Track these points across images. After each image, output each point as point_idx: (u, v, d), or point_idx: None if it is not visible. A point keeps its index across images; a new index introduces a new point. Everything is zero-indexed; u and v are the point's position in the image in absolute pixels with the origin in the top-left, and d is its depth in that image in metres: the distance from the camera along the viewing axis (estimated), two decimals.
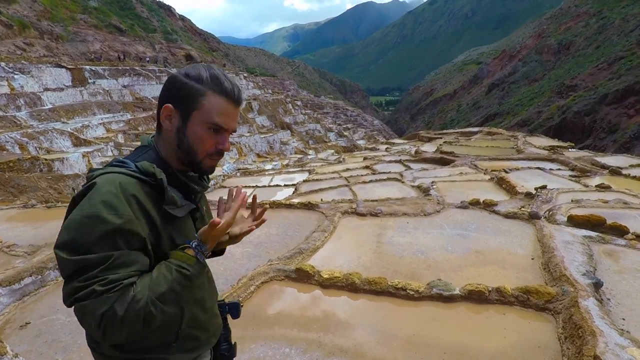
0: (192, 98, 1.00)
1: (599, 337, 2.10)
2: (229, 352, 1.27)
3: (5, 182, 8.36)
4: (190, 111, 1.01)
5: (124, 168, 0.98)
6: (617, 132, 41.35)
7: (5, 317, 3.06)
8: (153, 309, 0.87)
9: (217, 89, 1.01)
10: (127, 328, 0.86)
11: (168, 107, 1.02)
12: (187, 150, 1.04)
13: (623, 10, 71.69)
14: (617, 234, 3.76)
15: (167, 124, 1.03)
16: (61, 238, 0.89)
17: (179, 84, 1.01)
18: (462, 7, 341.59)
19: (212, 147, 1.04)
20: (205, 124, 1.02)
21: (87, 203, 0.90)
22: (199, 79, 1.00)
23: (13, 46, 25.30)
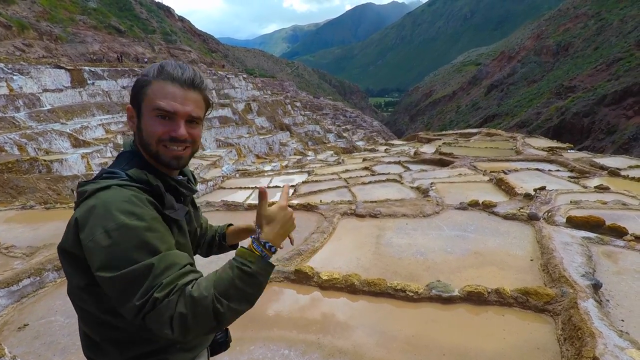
0: (139, 91, 1.00)
1: (598, 339, 2.10)
2: (224, 339, 1.28)
3: (4, 183, 8.34)
4: (140, 104, 1.00)
5: (116, 179, 0.95)
6: (615, 133, 41.47)
7: (3, 319, 3.05)
8: (219, 305, 0.85)
9: (162, 76, 0.99)
10: (201, 325, 0.85)
11: (129, 108, 1.04)
12: (144, 144, 1.02)
13: (621, 12, 71.99)
14: (616, 235, 3.76)
15: (131, 125, 1.04)
16: (99, 261, 0.86)
17: (135, 84, 1.02)
18: (461, 8, 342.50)
19: (164, 134, 1.00)
20: (152, 111, 0.99)
21: (104, 219, 0.86)
22: (147, 72, 1.01)
23: (12, 47, 25.27)
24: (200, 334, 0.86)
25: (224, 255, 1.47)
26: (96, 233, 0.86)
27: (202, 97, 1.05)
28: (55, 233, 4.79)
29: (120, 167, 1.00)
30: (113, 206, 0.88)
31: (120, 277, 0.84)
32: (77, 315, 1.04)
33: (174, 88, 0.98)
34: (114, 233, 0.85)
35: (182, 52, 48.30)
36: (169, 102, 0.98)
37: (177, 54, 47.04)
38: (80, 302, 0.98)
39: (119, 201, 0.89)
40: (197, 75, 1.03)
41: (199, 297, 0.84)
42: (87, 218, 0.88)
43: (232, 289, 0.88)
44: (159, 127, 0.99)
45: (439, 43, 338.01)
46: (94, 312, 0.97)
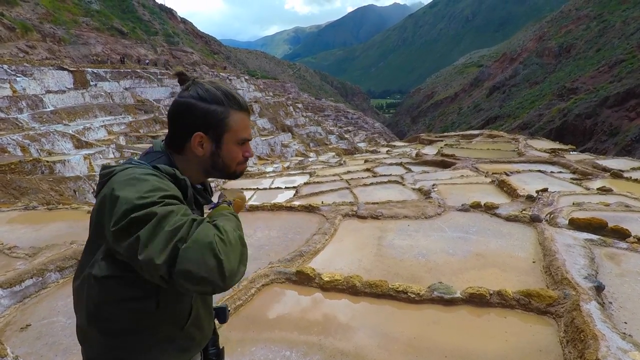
0: (220, 123, 1.07)
1: (601, 341, 2.09)
2: (217, 357, 1.28)
3: (7, 184, 8.38)
4: (222, 134, 1.08)
5: (142, 167, 0.99)
6: (618, 135, 41.34)
7: (6, 319, 3.06)
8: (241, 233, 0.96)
9: (236, 107, 1.09)
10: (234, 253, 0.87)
11: (200, 135, 1.06)
12: (222, 168, 1.13)
13: (624, 14, 71.87)
14: (619, 237, 3.74)
15: (199, 150, 1.08)
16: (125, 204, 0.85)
17: (202, 112, 1.05)
18: (463, 10, 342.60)
19: (241, 157, 1.13)
20: (236, 141, 1.10)
21: (134, 188, 0.89)
22: (218, 101, 1.06)
23: (15, 49, 25.42)
24: (235, 263, 0.86)
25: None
26: (129, 195, 0.87)
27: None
28: (58, 234, 4.81)
29: (147, 161, 1.05)
30: (142, 173, 0.94)
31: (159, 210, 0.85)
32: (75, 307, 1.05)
33: (246, 118, 1.12)
34: (148, 193, 0.88)
35: (185, 54, 48.48)
36: (249, 132, 1.14)
37: (179, 55, 47.21)
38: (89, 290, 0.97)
39: (147, 173, 0.95)
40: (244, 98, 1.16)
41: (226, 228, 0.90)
42: (122, 188, 0.90)
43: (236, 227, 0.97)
44: (239, 152, 1.12)
45: (441, 45, 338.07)
46: (97, 304, 0.97)
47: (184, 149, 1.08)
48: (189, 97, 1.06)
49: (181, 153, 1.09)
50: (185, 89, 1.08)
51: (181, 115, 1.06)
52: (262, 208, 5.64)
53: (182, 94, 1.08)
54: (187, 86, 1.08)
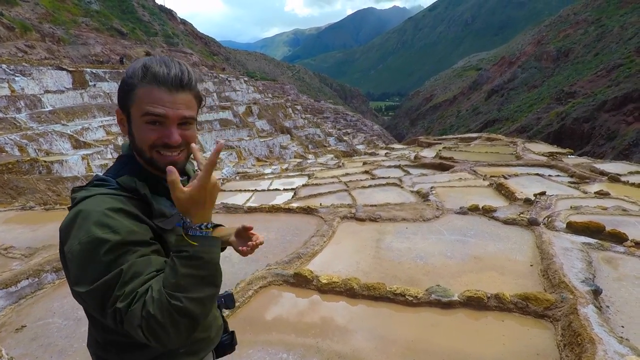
0: (127, 95, 0.95)
1: (598, 345, 2.09)
2: (230, 341, 1.28)
3: (4, 184, 8.34)
4: (129, 108, 0.96)
5: (104, 187, 0.95)
6: (615, 139, 41.49)
7: (1, 320, 3.04)
8: (176, 302, 0.80)
9: (147, 78, 0.93)
10: (171, 327, 0.80)
11: (118, 112, 1.01)
12: (137, 150, 0.99)
13: (622, 18, 72.27)
14: (616, 241, 3.75)
15: (122, 129, 1.02)
16: (73, 275, 0.87)
17: (121, 88, 0.97)
18: (462, 13, 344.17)
19: (157, 140, 0.95)
20: (141, 117, 0.94)
21: (80, 231, 0.86)
22: (132, 73, 0.95)
23: (14, 48, 25.37)
24: (179, 335, 0.82)
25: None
26: (72, 246, 0.86)
27: (192, 95, 0.99)
28: (55, 234, 4.76)
29: (113, 173, 1.00)
30: (91, 218, 0.86)
31: (94, 290, 0.83)
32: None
33: (161, 92, 0.93)
34: (85, 246, 0.84)
35: (184, 55, 48.47)
36: (159, 108, 0.93)
37: (178, 56, 47.19)
38: (84, 304, 0.97)
39: (97, 212, 0.87)
40: (185, 72, 0.96)
41: (153, 301, 0.80)
42: (68, 228, 0.89)
43: (181, 280, 0.82)
44: (150, 133, 0.95)
45: (440, 48, 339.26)
46: (96, 316, 0.96)
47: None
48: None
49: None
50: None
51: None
52: (260, 210, 5.63)
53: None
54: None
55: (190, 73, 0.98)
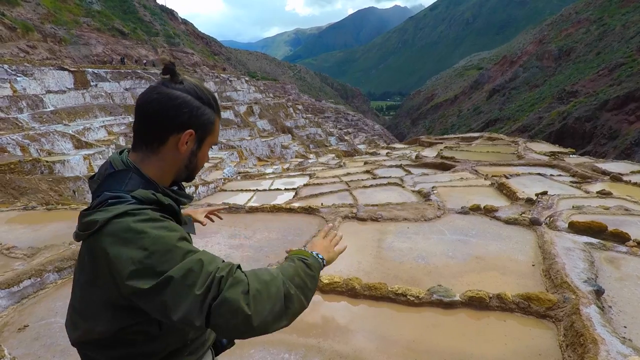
0: (209, 125, 1.05)
1: (601, 345, 2.08)
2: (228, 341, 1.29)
3: (6, 184, 8.36)
4: (206, 136, 1.07)
5: (124, 204, 0.91)
6: (617, 139, 41.38)
7: (4, 320, 3.05)
8: (289, 287, 0.91)
9: (219, 113, 1.09)
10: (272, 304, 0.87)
11: (191, 133, 1.00)
12: (194, 169, 1.10)
13: (623, 17, 72.06)
14: (619, 241, 3.74)
15: (183, 149, 1.01)
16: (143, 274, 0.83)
17: (198, 110, 1.01)
18: (463, 13, 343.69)
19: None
20: (211, 144, 1.10)
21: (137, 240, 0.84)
22: (210, 104, 1.05)
23: (16, 49, 25.43)
24: (271, 318, 0.87)
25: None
26: (136, 256, 0.83)
27: None
28: (57, 234, 4.80)
29: (120, 190, 0.95)
30: (139, 226, 0.86)
31: (174, 273, 0.82)
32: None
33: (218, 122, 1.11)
34: (152, 247, 0.84)
35: (185, 55, 48.54)
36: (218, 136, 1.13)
37: (179, 56, 47.26)
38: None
39: (141, 221, 0.87)
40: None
41: (270, 276, 0.91)
42: (119, 248, 0.85)
43: (297, 277, 0.96)
44: (207, 156, 1.12)
45: (441, 47, 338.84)
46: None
47: (164, 146, 0.99)
48: (185, 91, 0.99)
49: (157, 152, 1.00)
50: (179, 82, 1.00)
51: (176, 107, 0.97)
52: (262, 209, 5.64)
53: (175, 86, 0.99)
54: (180, 80, 1.01)
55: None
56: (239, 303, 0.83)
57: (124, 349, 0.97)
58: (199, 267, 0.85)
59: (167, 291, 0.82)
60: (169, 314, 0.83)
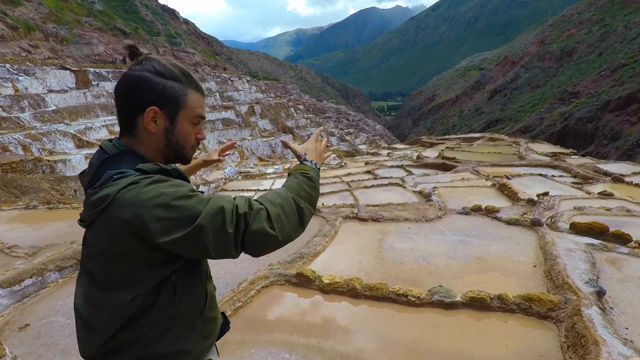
0: (177, 99, 1.03)
1: (602, 347, 2.08)
2: (224, 319, 1.31)
3: (8, 183, 8.38)
4: (177, 111, 1.04)
5: (131, 177, 0.93)
6: (619, 139, 41.27)
7: (5, 319, 3.05)
8: (299, 201, 1.05)
9: (193, 85, 1.07)
10: (291, 221, 1.01)
11: (154, 110, 1.00)
12: (176, 148, 1.08)
13: (625, 18, 71.91)
14: (620, 242, 3.73)
15: (152, 127, 1.02)
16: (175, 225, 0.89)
17: (158, 86, 1.00)
18: (465, 13, 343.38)
19: (194, 139, 1.11)
20: (191, 119, 1.07)
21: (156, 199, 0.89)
22: (175, 78, 1.03)
23: (18, 48, 25.48)
24: (292, 231, 1.02)
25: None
26: (160, 214, 0.89)
27: None
28: (58, 233, 4.81)
29: (123, 167, 0.98)
30: (151, 188, 0.91)
31: (202, 221, 0.90)
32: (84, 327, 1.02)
33: (202, 98, 1.11)
34: (172, 202, 0.90)
35: (187, 55, 48.57)
36: (204, 111, 1.12)
37: (181, 56, 47.28)
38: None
39: (151, 184, 0.92)
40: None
41: (281, 198, 1.03)
42: (138, 212, 0.88)
43: (302, 191, 1.09)
44: (192, 134, 1.10)
45: (443, 48, 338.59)
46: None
47: (136, 129, 1.02)
48: (143, 70, 1.00)
49: (136, 136, 1.03)
50: (138, 63, 1.02)
51: (135, 88, 0.99)
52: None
53: (134, 67, 1.02)
54: (140, 60, 1.03)
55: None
56: (266, 230, 0.95)
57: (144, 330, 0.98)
58: (222, 210, 0.93)
59: (202, 237, 0.91)
60: (208, 255, 0.95)
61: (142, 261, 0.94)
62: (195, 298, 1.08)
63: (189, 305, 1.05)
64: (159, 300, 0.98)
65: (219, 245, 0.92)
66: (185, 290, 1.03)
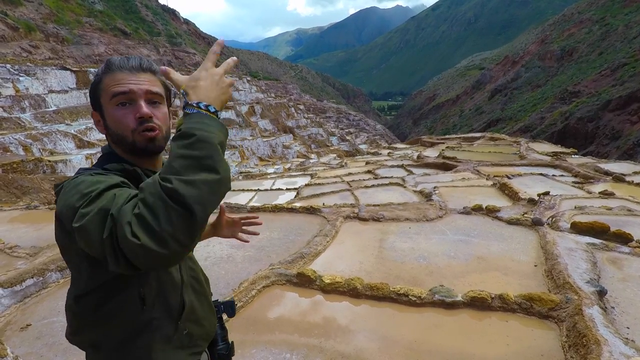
0: (95, 89, 1.02)
1: (604, 346, 2.08)
2: (227, 352, 1.24)
3: (9, 183, 8.39)
4: (99, 101, 1.01)
5: (86, 173, 0.95)
6: (620, 139, 41.20)
7: (6, 319, 3.06)
8: (167, 184, 0.71)
9: (109, 69, 0.99)
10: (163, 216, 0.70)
11: (93, 114, 1.04)
12: (118, 139, 1.00)
13: (626, 17, 71.78)
14: (621, 242, 3.73)
15: (100, 129, 1.04)
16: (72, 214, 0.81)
17: (92, 89, 1.03)
18: (465, 12, 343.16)
19: (133, 121, 0.97)
20: (110, 102, 0.98)
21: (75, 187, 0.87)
22: (98, 72, 1.02)
23: (19, 48, 25.50)
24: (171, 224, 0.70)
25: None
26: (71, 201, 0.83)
27: (155, 78, 1.03)
28: None
29: (97, 166, 1.02)
30: (81, 178, 0.90)
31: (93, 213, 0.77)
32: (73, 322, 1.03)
33: (122, 74, 0.98)
34: (85, 189, 0.83)
35: (187, 55, 48.57)
36: (123, 86, 0.97)
37: (181, 56, 47.29)
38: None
39: (87, 175, 0.92)
40: (144, 59, 1.03)
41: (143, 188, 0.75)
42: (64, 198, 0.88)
43: (174, 162, 0.74)
44: (125, 117, 0.97)
45: (443, 47, 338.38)
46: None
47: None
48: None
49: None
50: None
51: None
52: (263, 209, 5.64)
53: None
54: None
55: (150, 61, 1.05)
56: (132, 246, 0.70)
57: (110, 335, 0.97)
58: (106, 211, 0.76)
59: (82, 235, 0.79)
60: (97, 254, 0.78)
61: (75, 254, 0.92)
62: (167, 307, 1.00)
63: (159, 313, 0.99)
64: (125, 305, 0.94)
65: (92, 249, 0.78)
66: (154, 298, 0.97)
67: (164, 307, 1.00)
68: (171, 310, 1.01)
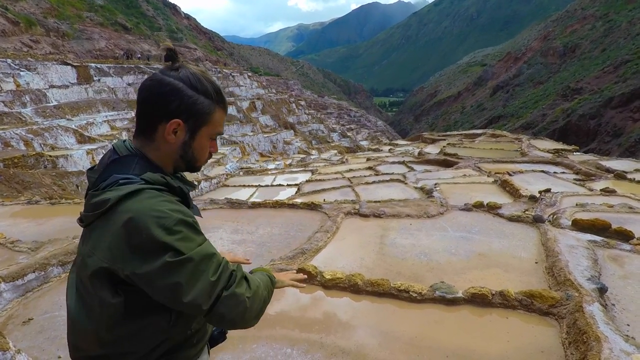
0: (204, 116, 1.02)
1: (604, 343, 2.08)
2: (220, 330, 1.30)
3: (10, 178, 8.40)
4: (200, 127, 1.03)
5: (136, 184, 0.92)
6: (622, 136, 41.09)
7: (8, 313, 3.07)
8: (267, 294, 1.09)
9: (222, 105, 1.06)
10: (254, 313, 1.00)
11: (177, 123, 0.98)
12: (190, 160, 1.07)
13: (630, 14, 71.29)
14: (623, 239, 3.72)
15: (171, 138, 1.00)
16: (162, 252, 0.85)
17: (190, 99, 0.98)
18: (468, 8, 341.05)
19: (209, 154, 1.11)
20: (208, 134, 1.06)
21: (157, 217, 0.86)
22: (207, 93, 1.01)
23: (19, 43, 25.44)
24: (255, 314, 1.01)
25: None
26: (155, 232, 0.85)
27: None
28: (61, 228, 4.82)
29: (129, 173, 0.96)
30: (156, 206, 0.89)
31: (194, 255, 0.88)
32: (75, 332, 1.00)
33: (224, 116, 1.10)
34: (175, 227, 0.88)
35: (188, 50, 48.44)
36: (222, 126, 1.11)
37: (182, 51, 47.14)
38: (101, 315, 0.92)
39: (159, 201, 0.90)
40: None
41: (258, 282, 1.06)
42: (137, 225, 0.85)
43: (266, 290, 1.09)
44: (208, 149, 1.10)
45: (445, 43, 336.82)
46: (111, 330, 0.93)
47: (155, 134, 0.99)
48: (178, 79, 0.98)
49: (152, 140, 1.00)
50: (174, 70, 1.00)
51: (165, 95, 0.96)
52: (264, 205, 5.64)
53: (169, 73, 0.99)
54: (177, 67, 1.00)
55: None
56: (244, 298, 0.95)
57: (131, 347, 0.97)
58: (213, 256, 0.93)
59: (182, 272, 0.87)
60: (179, 296, 0.87)
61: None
62: (186, 323, 1.04)
63: (176, 330, 1.02)
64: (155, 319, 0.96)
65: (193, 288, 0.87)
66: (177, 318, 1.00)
67: (184, 324, 1.04)
68: (188, 325, 1.06)
